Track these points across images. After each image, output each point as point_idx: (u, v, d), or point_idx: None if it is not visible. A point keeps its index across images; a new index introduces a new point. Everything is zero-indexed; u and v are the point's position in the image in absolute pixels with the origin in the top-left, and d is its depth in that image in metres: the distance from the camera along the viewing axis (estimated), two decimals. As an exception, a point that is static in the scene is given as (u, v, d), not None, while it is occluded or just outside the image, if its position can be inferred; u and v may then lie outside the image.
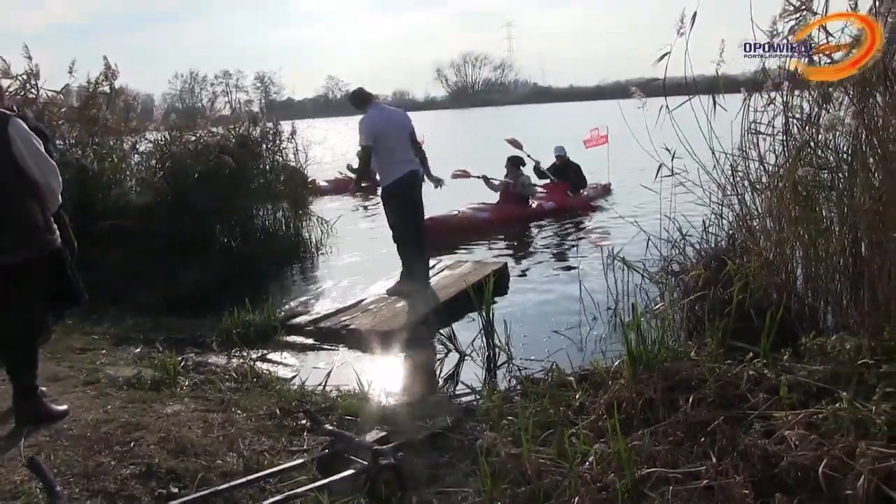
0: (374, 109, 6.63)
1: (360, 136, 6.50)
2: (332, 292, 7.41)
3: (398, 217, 6.59)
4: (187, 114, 11.88)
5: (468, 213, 11.20)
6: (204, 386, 4.42)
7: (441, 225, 10.73)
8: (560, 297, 6.67)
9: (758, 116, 4.46)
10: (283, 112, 13.93)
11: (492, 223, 11.03)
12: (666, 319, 4.23)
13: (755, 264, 4.28)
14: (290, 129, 9.70)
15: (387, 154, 6.46)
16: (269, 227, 9.35)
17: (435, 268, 7.44)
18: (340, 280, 7.93)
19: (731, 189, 4.77)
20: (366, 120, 6.54)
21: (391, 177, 6.50)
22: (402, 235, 6.68)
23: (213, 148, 8.58)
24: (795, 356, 3.44)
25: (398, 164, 6.50)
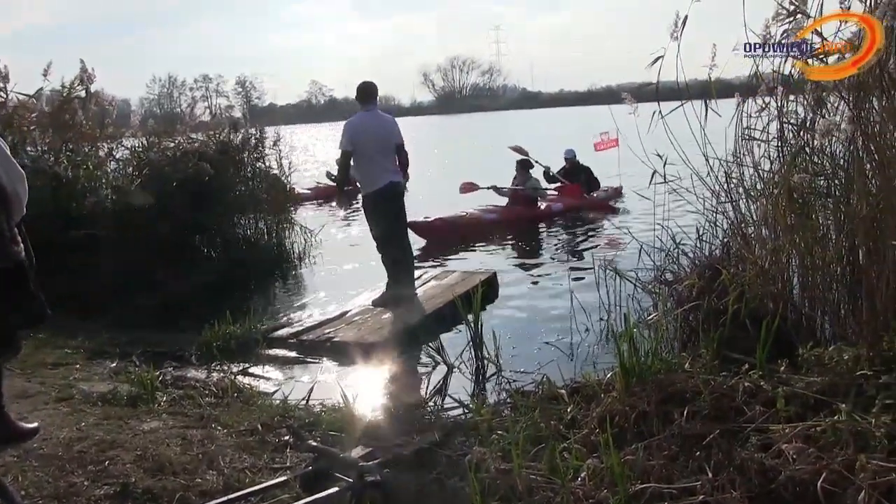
0: (364, 114, 6.58)
1: (342, 139, 6.48)
2: (315, 303, 7.38)
3: (381, 227, 6.58)
4: (166, 119, 11.84)
5: (476, 214, 11.55)
6: (183, 401, 4.39)
7: (449, 226, 10.98)
8: (551, 308, 6.67)
9: (752, 122, 4.48)
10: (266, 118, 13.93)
11: (500, 224, 11.31)
12: (659, 330, 4.23)
13: (750, 273, 4.28)
14: (272, 135, 9.69)
15: (366, 163, 6.43)
16: (251, 236, 9.32)
17: (421, 278, 7.43)
18: (324, 291, 7.91)
19: (726, 196, 4.78)
20: (349, 124, 6.52)
21: (371, 186, 6.49)
22: (387, 245, 6.66)
23: (193, 155, 8.55)
24: (792, 367, 3.44)
25: (378, 173, 6.47)
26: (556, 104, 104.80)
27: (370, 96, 6.66)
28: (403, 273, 6.73)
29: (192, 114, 10.59)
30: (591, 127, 13.45)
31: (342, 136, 6.46)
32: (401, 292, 6.64)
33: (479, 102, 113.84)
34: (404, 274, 6.74)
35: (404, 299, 6.59)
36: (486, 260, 9.23)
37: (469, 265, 8.67)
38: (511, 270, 8.42)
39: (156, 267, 7.53)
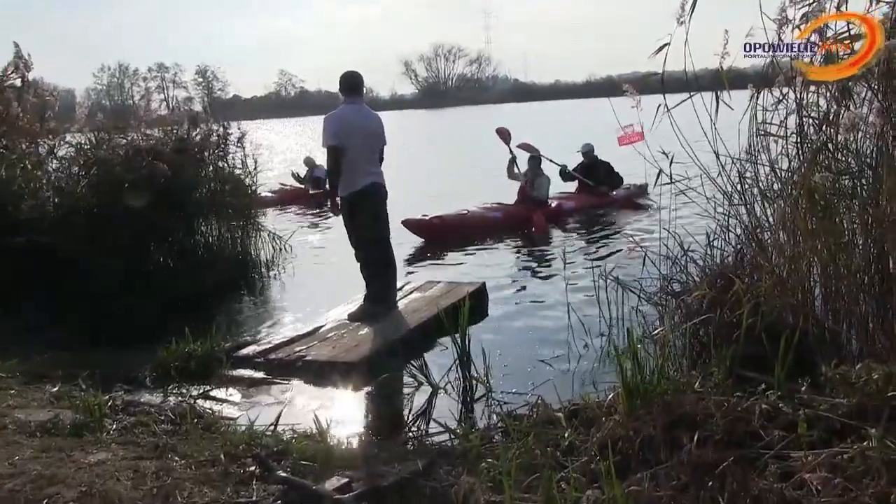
0: (349, 106, 6.55)
1: (324, 134, 6.41)
2: (285, 318, 7.34)
3: (361, 232, 6.55)
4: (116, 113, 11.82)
5: (478, 212, 11.75)
6: (135, 429, 4.33)
7: (448, 224, 11.03)
8: (546, 322, 6.66)
9: (768, 116, 4.50)
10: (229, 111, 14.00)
11: (504, 224, 11.47)
12: (666, 346, 4.23)
13: (767, 283, 4.30)
14: (236, 130, 9.64)
15: (348, 162, 6.39)
16: (213, 244, 9.26)
17: (403, 289, 7.41)
18: (295, 304, 7.88)
19: (739, 198, 4.79)
20: (334, 117, 6.45)
21: (352, 186, 6.45)
22: (366, 253, 6.63)
23: (147, 153, 8.49)
24: (815, 387, 3.44)
25: (360, 174, 6.45)
26: (552, 97, 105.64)
27: (356, 88, 6.63)
28: (384, 284, 6.70)
29: (147, 107, 10.56)
30: (591, 121, 13.59)
31: (325, 131, 6.39)
32: (380, 306, 6.61)
33: (466, 95, 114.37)
34: (385, 285, 6.72)
35: (384, 313, 6.57)
36: (476, 268, 9.24)
37: (456, 275, 8.69)
38: (502, 280, 8.42)
39: (105, 278, 7.45)
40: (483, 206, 11.97)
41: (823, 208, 4.14)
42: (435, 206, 11.85)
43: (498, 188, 13.13)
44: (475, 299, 6.73)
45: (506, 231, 11.30)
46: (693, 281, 5.05)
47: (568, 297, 6.50)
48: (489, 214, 11.78)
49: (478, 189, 12.51)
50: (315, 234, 12.64)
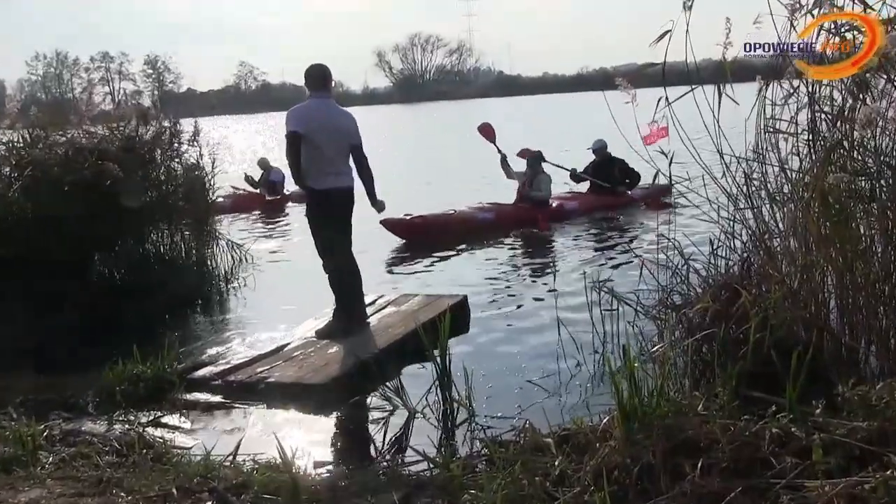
0: (317, 100, 6.54)
1: (287, 123, 6.39)
2: (246, 336, 7.28)
3: (330, 237, 6.52)
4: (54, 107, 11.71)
5: (468, 212, 11.90)
6: (75, 462, 4.29)
7: (431, 225, 11.16)
8: (534, 338, 6.66)
9: (777, 111, 4.53)
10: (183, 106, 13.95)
11: (496, 226, 11.61)
12: (666, 364, 4.24)
13: (776, 294, 4.31)
14: (191, 127, 9.59)
15: (317, 156, 6.37)
16: (165, 253, 9.20)
17: (376, 303, 7.40)
18: (257, 320, 7.83)
19: (745, 201, 4.82)
20: (297, 108, 6.44)
21: (324, 183, 6.41)
22: (335, 262, 6.61)
23: (91, 152, 8.41)
24: (831, 409, 3.46)
25: (329, 170, 6.43)
26: (540, 90, 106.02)
27: (323, 83, 6.63)
28: (355, 296, 6.68)
29: (90, 101, 10.46)
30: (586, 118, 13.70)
31: (287, 121, 6.38)
32: (351, 321, 6.59)
33: (445, 88, 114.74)
34: (357, 297, 6.69)
35: (355, 329, 6.55)
36: (457, 278, 9.25)
37: (435, 286, 8.68)
38: (486, 291, 8.42)
39: (40, 292, 7.37)
40: (473, 207, 12.09)
41: (838, 212, 4.16)
42: (420, 208, 11.89)
43: (494, 188, 13.22)
44: (456, 313, 6.72)
45: (497, 234, 11.40)
46: (695, 292, 5.06)
47: (558, 311, 6.50)
48: (478, 215, 11.88)
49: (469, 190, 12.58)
50: (276, 243, 12.61)
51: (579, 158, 14.19)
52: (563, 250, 10.63)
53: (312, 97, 6.55)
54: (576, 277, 8.21)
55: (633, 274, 5.84)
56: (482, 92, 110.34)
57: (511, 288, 8.63)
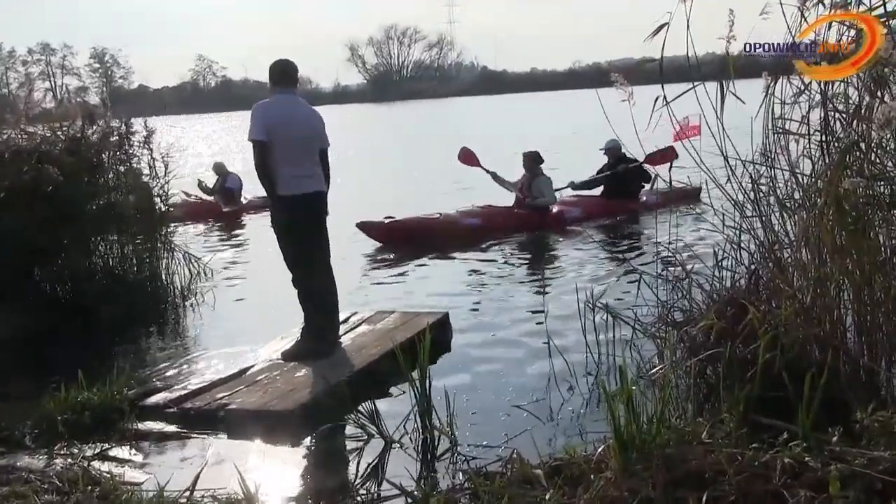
0: (283, 97, 6.53)
1: (251, 127, 6.37)
2: (204, 358, 7.25)
3: (299, 247, 6.50)
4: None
5: (454, 216, 12.05)
6: (9, 501, 4.24)
7: (411, 229, 11.42)
8: (522, 359, 6.65)
9: (786, 110, 4.55)
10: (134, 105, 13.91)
11: (483, 232, 11.76)
12: (667, 388, 4.23)
13: (787, 311, 4.33)
14: (143, 128, 9.54)
15: (283, 160, 6.36)
16: (114, 266, 9.14)
17: (349, 321, 7.39)
18: (217, 341, 7.79)
19: (752, 208, 4.84)
20: (262, 107, 6.42)
21: (291, 188, 6.40)
22: (305, 275, 6.58)
23: (30, 155, 8.37)
24: (848, 437, 3.46)
25: (298, 176, 6.43)
26: (528, 87, 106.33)
27: (288, 78, 6.64)
28: (327, 314, 6.66)
29: (29, 98, 10.38)
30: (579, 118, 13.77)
31: (252, 123, 6.35)
32: (321, 341, 6.57)
33: (424, 86, 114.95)
34: (327, 315, 6.68)
35: (326, 351, 6.54)
36: (438, 291, 9.27)
37: (414, 302, 8.68)
38: (470, 307, 8.43)
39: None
40: (461, 211, 12.23)
41: (855, 220, 4.18)
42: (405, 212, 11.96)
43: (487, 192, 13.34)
44: (437, 332, 6.68)
45: (485, 241, 11.50)
46: (698, 309, 5.08)
47: (549, 330, 6.51)
48: (464, 220, 12.02)
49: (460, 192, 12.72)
50: (235, 255, 12.58)
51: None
52: (556, 261, 10.65)
53: (277, 94, 6.54)
54: (569, 292, 8.22)
55: (631, 288, 5.85)
56: (464, 89, 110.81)
57: (497, 303, 8.62)
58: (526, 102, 72.57)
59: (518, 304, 8.54)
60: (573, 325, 6.51)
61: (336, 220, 7.03)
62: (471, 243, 11.48)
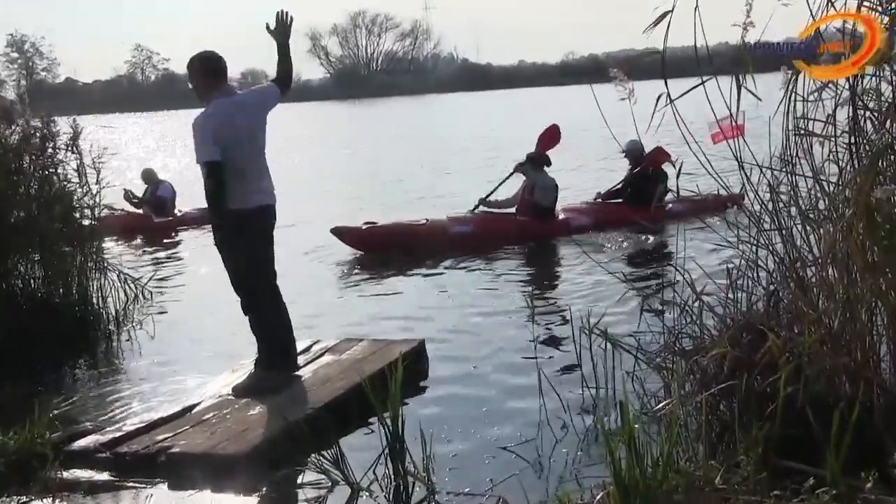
0: (223, 102, 6.47)
1: (199, 146, 6.29)
2: (142, 394, 7.23)
3: (251, 266, 6.47)
4: None
5: (442, 223, 12.29)
6: None
7: (390, 235, 11.73)
8: (509, 393, 6.66)
9: (809, 108, 4.57)
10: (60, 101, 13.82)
11: (475, 240, 12.00)
12: (674, 426, 4.24)
13: (812, 338, 4.33)
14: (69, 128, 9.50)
15: (240, 177, 6.34)
16: (37, 289, 9.10)
17: (311, 350, 7.38)
18: (157, 374, 7.77)
19: (771, 221, 4.85)
20: (209, 121, 6.36)
21: (245, 202, 6.39)
22: (257, 299, 6.55)
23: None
24: (885, 483, 3.46)
25: (254, 188, 6.43)
26: (515, 83, 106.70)
27: (222, 74, 6.61)
28: (281, 341, 6.64)
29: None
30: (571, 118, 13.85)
31: (199, 142, 6.28)
32: (277, 373, 6.57)
33: (396, 81, 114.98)
34: (283, 343, 6.65)
35: (283, 384, 6.52)
36: (414, 314, 9.29)
37: (385, 328, 8.68)
38: (450, 332, 8.46)
39: None
40: (451, 216, 12.44)
41: (888, 234, 4.19)
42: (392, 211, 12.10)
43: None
44: (411, 362, 6.71)
45: (474, 252, 11.67)
46: (709, 335, 5.09)
47: (539, 358, 6.51)
48: (453, 228, 12.20)
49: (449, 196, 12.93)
50: (175, 275, 12.58)
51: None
52: (551, 278, 10.71)
53: (217, 99, 6.47)
54: (563, 315, 8.24)
55: (634, 311, 5.86)
56: (442, 84, 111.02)
57: (481, 328, 8.62)
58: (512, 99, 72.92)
59: (505, 328, 8.55)
60: (567, 354, 6.52)
61: (298, 230, 7.02)
62: (459, 255, 11.64)
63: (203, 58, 6.58)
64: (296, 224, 13.25)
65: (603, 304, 8.63)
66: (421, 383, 7.03)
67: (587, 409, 5.85)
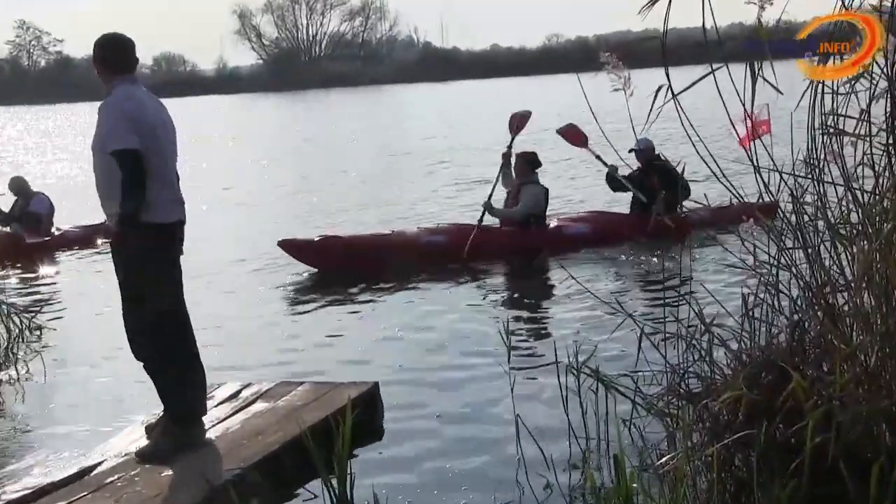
0: (136, 89, 6.44)
1: (111, 132, 6.25)
2: (31, 452, 7.17)
3: (159, 296, 6.41)
4: None
5: (411, 233, 12.65)
6: None
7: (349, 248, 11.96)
8: (480, 445, 6.68)
9: (839, 102, 4.60)
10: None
11: (449, 253, 12.21)
12: (680, 484, 4.26)
13: (844, 377, 4.35)
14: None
15: (159, 180, 6.29)
16: None
17: (240, 397, 7.34)
18: (47, 428, 7.74)
19: (794, 237, 4.87)
20: (130, 105, 6.31)
21: (163, 213, 6.34)
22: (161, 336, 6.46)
23: None
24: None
25: (168, 199, 6.39)
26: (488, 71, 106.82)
27: (132, 62, 6.58)
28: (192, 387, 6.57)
29: None
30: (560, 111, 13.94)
31: (112, 128, 6.24)
32: (193, 426, 6.50)
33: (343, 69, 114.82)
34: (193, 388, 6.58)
35: (199, 438, 6.48)
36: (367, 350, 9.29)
37: (332, 366, 8.68)
38: (409, 371, 8.49)
39: None
40: (422, 227, 12.76)
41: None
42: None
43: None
44: (362, 410, 6.68)
45: (446, 270, 11.87)
46: (721, 375, 5.10)
47: (517, 402, 6.50)
48: (424, 238, 12.42)
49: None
50: (60, 306, 12.52)
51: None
52: (533, 302, 10.73)
53: (126, 84, 6.43)
54: (546, 349, 8.25)
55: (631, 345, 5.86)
56: (400, 73, 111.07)
57: (447, 366, 8.61)
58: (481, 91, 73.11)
59: (476, 366, 8.54)
60: (551, 397, 6.52)
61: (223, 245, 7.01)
62: (428, 272, 11.77)
63: (107, 38, 6.56)
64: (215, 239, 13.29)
65: (594, 336, 8.66)
66: (374, 436, 7.00)
67: (575, 464, 5.85)
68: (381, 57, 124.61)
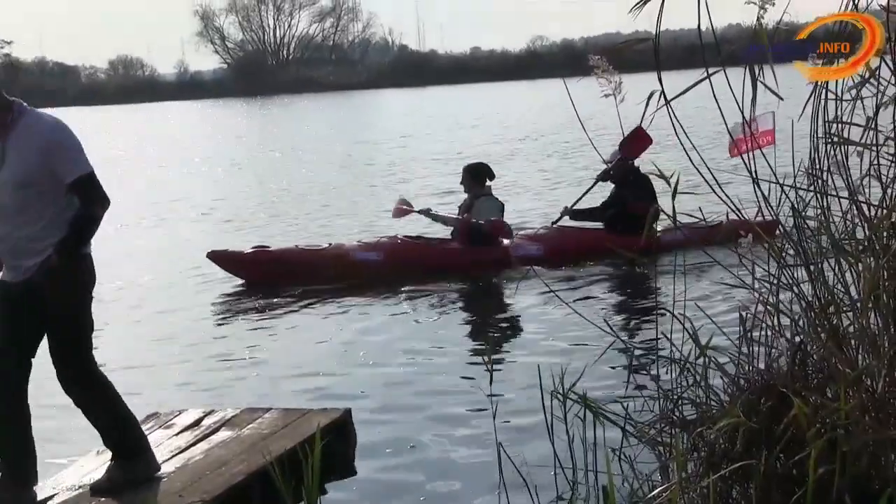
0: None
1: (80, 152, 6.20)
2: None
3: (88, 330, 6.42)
4: None
5: (345, 248, 12.72)
6: None
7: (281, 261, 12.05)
8: (459, 475, 6.67)
9: (844, 109, 4.59)
10: None
11: (387, 270, 12.33)
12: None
13: (850, 404, 4.34)
14: None
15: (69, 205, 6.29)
16: None
17: (202, 425, 7.29)
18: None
19: (795, 253, 4.86)
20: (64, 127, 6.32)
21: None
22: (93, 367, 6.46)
23: None
24: None
25: None
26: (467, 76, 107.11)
27: None
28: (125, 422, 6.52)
29: None
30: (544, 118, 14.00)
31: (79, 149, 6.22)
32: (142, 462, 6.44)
33: (313, 73, 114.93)
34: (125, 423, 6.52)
35: (152, 472, 6.44)
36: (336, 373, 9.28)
37: (297, 391, 8.66)
38: (382, 396, 8.46)
39: None
40: (360, 242, 12.83)
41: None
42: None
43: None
44: (333, 439, 6.66)
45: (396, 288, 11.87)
46: (718, 401, 5.09)
47: (498, 430, 6.47)
48: (359, 255, 12.47)
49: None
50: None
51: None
52: (511, 325, 10.68)
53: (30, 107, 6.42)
54: (528, 374, 8.22)
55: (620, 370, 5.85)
56: (374, 78, 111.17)
57: (423, 392, 8.59)
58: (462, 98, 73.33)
59: (454, 393, 8.53)
60: (534, 425, 6.50)
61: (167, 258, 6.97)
62: (375, 291, 11.83)
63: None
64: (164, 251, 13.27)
65: (580, 360, 8.64)
66: (346, 466, 6.97)
67: (562, 495, 5.84)
68: (354, 61, 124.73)
